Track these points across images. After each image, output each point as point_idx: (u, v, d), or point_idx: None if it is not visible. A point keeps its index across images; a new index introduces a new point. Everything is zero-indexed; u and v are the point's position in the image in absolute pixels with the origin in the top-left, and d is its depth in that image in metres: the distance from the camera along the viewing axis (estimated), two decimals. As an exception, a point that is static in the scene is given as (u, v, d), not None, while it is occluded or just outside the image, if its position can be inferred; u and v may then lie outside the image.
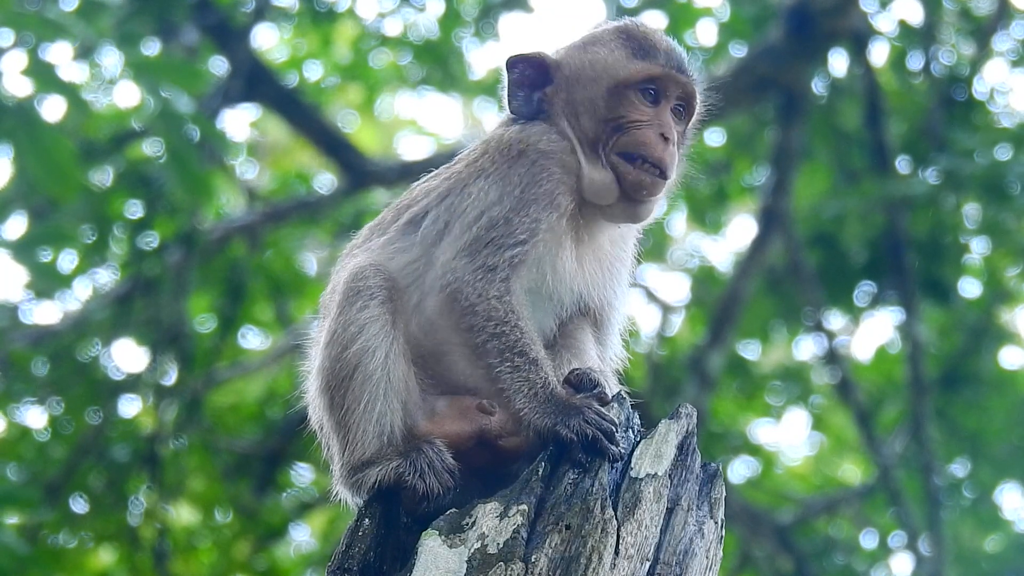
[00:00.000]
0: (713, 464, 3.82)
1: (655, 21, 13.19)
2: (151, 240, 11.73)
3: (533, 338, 3.80)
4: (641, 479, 3.64)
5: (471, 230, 3.87)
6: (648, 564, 3.58)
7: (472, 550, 3.53)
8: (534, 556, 3.49)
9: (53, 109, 8.79)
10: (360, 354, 3.83)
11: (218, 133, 10.58)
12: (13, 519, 11.23)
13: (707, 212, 13.73)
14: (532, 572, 3.47)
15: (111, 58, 10.25)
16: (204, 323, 13.49)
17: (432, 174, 4.17)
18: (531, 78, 4.13)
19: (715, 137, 13.59)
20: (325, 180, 14.35)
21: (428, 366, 3.93)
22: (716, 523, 3.75)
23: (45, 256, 9.75)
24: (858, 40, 12.07)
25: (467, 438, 3.86)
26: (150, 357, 11.96)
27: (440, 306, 3.85)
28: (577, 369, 3.90)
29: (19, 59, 8.36)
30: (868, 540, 14.15)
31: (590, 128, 4.04)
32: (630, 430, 3.76)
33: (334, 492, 3.96)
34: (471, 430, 3.86)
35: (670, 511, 3.67)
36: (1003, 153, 11.71)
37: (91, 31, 8.68)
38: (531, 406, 3.71)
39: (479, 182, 3.97)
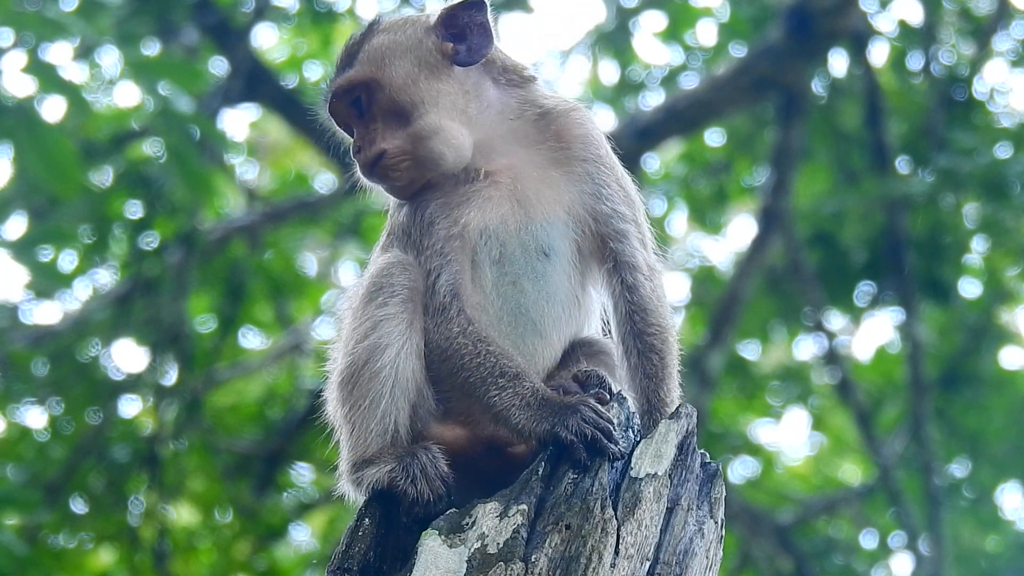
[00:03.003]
0: (713, 464, 3.82)
1: (655, 21, 13.22)
2: (151, 240, 11.72)
3: (509, 355, 3.77)
4: (641, 479, 3.64)
5: None
6: (648, 564, 3.58)
7: (472, 550, 3.53)
8: (534, 556, 3.49)
9: (53, 109, 8.81)
10: (371, 350, 3.80)
11: (218, 133, 10.58)
12: (13, 520, 11.23)
13: (707, 212, 13.74)
14: (532, 572, 3.47)
15: (111, 58, 10.26)
16: (204, 323, 13.49)
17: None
18: None
19: (715, 137, 13.61)
20: (325, 180, 14.36)
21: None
22: (716, 523, 3.75)
23: (45, 255, 9.75)
24: (858, 40, 12.07)
25: (477, 444, 3.85)
26: (150, 357, 11.95)
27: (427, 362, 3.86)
28: (584, 368, 3.89)
29: (19, 59, 8.37)
30: (868, 540, 14.16)
31: None
32: (630, 430, 3.75)
33: (339, 487, 3.94)
34: (481, 436, 3.85)
35: (670, 511, 3.67)
36: (1003, 152, 11.72)
37: (91, 30, 8.68)
38: (526, 416, 3.68)
39: (391, 244, 4.06)
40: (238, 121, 16.87)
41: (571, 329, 4.03)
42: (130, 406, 12.57)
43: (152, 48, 11.00)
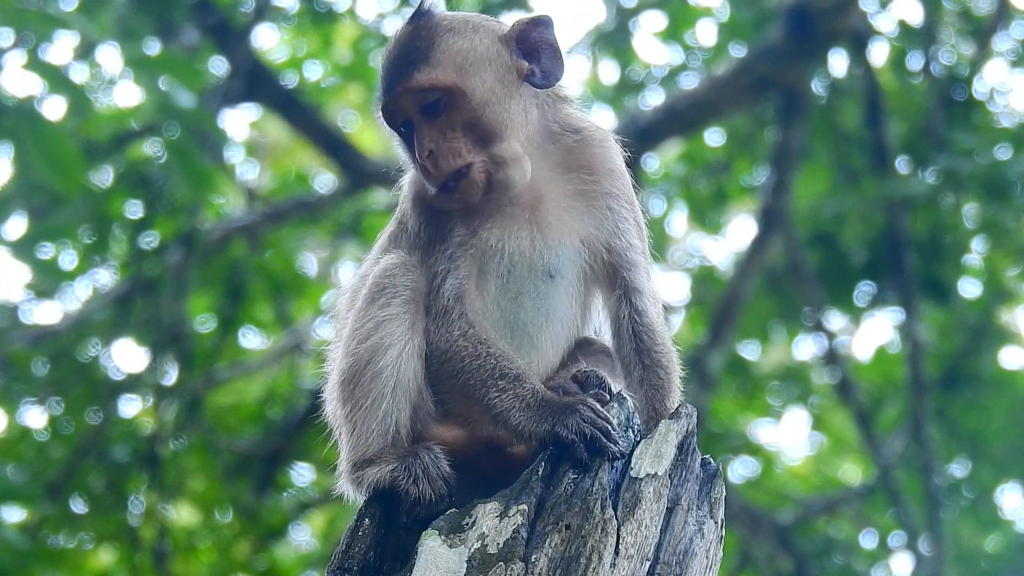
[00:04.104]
0: (713, 464, 3.82)
1: (655, 21, 13.21)
2: (151, 240, 11.72)
3: (509, 357, 3.78)
4: (641, 479, 3.64)
5: None
6: (648, 564, 3.58)
7: (472, 550, 3.53)
8: (534, 556, 3.49)
9: (54, 108, 8.81)
10: (373, 350, 3.81)
11: (219, 131, 10.58)
12: (14, 518, 11.24)
13: (707, 212, 13.74)
14: (532, 572, 3.47)
15: (111, 57, 10.26)
16: (204, 323, 13.49)
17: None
18: None
19: (715, 137, 13.61)
20: (325, 180, 14.36)
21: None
22: (716, 523, 3.75)
23: (46, 253, 9.76)
24: (858, 40, 12.06)
25: (476, 444, 3.86)
26: (150, 357, 11.95)
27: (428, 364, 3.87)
28: (583, 368, 3.90)
29: (20, 59, 8.37)
30: (868, 540, 14.16)
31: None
32: (630, 430, 3.76)
33: (338, 486, 3.94)
34: (481, 436, 3.85)
35: (670, 511, 3.67)
36: (1003, 153, 11.72)
37: (92, 27, 8.68)
38: (526, 417, 3.69)
39: (399, 244, 4.02)
40: (238, 121, 16.89)
41: (567, 345, 4.04)
42: (130, 406, 12.59)
43: (153, 48, 10.99)
